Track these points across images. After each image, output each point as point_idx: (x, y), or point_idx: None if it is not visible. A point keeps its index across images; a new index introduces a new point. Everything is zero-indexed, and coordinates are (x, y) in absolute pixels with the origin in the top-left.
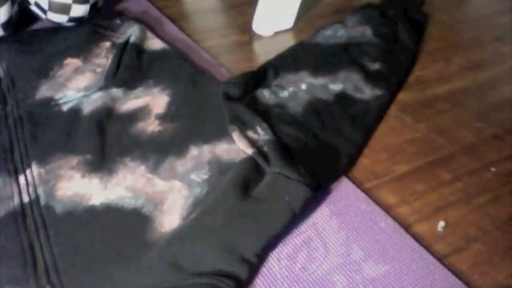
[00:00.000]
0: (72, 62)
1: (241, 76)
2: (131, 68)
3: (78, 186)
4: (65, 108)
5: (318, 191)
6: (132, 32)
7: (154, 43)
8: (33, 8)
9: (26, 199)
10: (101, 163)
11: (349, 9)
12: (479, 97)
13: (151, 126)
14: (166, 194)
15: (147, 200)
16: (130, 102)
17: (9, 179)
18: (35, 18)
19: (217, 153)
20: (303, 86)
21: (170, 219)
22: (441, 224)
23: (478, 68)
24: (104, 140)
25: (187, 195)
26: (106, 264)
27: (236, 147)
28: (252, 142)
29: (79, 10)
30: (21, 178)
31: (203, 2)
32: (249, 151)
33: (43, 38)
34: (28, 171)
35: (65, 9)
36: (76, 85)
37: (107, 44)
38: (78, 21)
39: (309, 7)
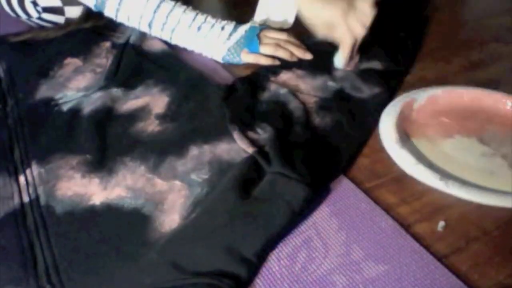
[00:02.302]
0: (72, 62)
1: (240, 76)
2: (131, 68)
3: (78, 186)
4: (65, 108)
5: (318, 191)
6: (132, 32)
7: (154, 44)
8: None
9: (26, 199)
10: (101, 163)
11: None
12: None
13: (151, 126)
14: (166, 194)
15: (147, 200)
16: (130, 102)
17: (9, 179)
18: None
19: (217, 153)
20: (302, 86)
21: (170, 219)
22: (441, 224)
23: (478, 68)
24: (104, 140)
25: (187, 195)
26: (106, 264)
27: (236, 147)
28: (253, 142)
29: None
30: (21, 178)
31: (203, 2)
32: (250, 150)
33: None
34: (28, 171)
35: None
36: (76, 85)
37: (107, 44)
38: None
39: None
